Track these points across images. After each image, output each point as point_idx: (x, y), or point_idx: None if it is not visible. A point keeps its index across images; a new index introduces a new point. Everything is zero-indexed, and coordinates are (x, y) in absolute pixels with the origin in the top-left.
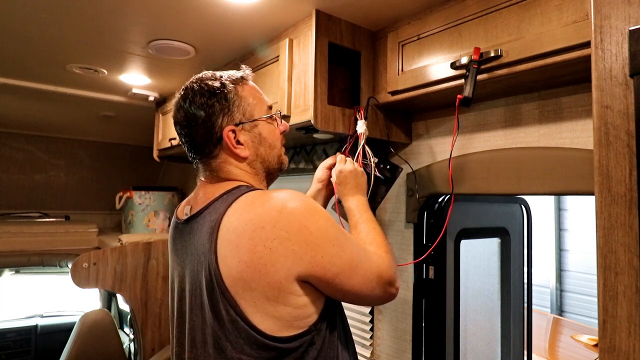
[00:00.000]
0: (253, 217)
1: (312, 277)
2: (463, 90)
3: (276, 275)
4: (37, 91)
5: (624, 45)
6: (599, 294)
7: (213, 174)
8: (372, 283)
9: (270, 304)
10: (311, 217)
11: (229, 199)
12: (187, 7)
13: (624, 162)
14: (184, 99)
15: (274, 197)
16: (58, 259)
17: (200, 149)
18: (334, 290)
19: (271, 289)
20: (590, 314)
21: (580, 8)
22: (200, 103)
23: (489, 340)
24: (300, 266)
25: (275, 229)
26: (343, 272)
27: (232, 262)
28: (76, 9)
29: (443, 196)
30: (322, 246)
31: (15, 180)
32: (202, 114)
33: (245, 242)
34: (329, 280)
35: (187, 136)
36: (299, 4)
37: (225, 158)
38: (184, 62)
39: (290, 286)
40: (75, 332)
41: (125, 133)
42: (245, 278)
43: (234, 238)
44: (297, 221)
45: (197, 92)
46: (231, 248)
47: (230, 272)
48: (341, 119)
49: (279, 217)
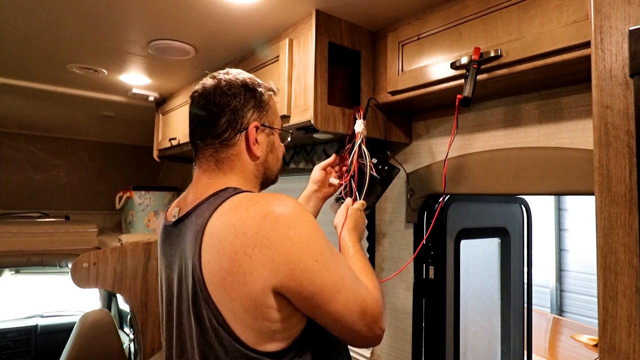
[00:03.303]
0: (236, 222)
1: (287, 290)
2: (463, 90)
3: (254, 285)
4: (37, 91)
5: (624, 45)
6: (599, 294)
7: (217, 164)
8: (354, 315)
9: (249, 315)
10: (296, 225)
11: (216, 202)
12: (187, 7)
13: (624, 162)
14: (224, 80)
15: (260, 201)
16: (58, 259)
17: (220, 132)
18: (310, 310)
19: (248, 300)
20: (590, 314)
21: (580, 8)
22: (237, 92)
23: (489, 340)
24: (276, 278)
25: (257, 235)
26: (322, 293)
27: (214, 269)
28: (76, 9)
29: (443, 196)
30: (303, 259)
31: (15, 180)
32: (238, 101)
33: (227, 248)
34: (305, 298)
35: (211, 115)
36: (299, 4)
37: (239, 150)
38: (184, 62)
39: (267, 298)
40: (75, 332)
41: (125, 133)
42: (226, 286)
43: (216, 243)
44: (280, 228)
45: (240, 81)
46: (214, 253)
47: (212, 279)
48: (341, 119)
49: (262, 222)
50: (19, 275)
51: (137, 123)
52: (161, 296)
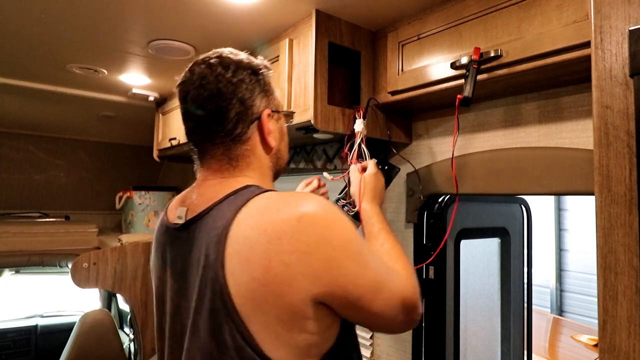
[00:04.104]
0: (268, 225)
1: (330, 298)
2: (463, 90)
3: (292, 296)
4: (37, 91)
5: (624, 45)
6: (599, 294)
7: (231, 163)
8: (396, 309)
9: (285, 329)
10: (334, 227)
11: (237, 201)
12: (187, 7)
13: (624, 162)
14: (221, 65)
15: (292, 201)
16: (58, 259)
17: (229, 129)
18: (354, 313)
19: (286, 312)
20: (590, 314)
21: (580, 8)
22: (242, 77)
23: (489, 340)
24: (319, 287)
25: (293, 240)
26: (366, 294)
27: (242, 279)
28: (76, 8)
29: (443, 196)
30: (345, 263)
31: (15, 180)
32: (245, 87)
33: (259, 255)
34: (350, 303)
35: (217, 110)
36: (299, 4)
37: (254, 145)
38: (184, 62)
39: (306, 309)
40: (75, 332)
41: (125, 133)
42: (257, 298)
43: (245, 250)
44: (318, 232)
45: (238, 63)
46: (242, 262)
47: (240, 291)
48: (341, 119)
49: (297, 226)
50: (19, 275)
51: (137, 123)
52: (159, 308)
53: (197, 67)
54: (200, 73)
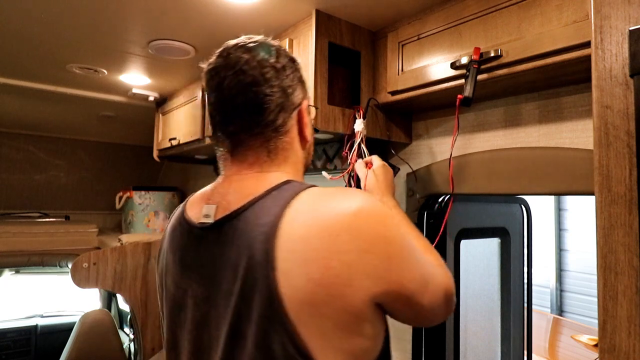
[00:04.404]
0: (324, 222)
1: (388, 296)
2: (463, 90)
3: (354, 297)
4: (37, 91)
5: (624, 45)
6: (599, 294)
7: (270, 155)
8: (440, 300)
9: (343, 334)
10: (390, 221)
11: (283, 196)
12: (187, 7)
13: (624, 162)
14: (263, 50)
15: (345, 197)
16: (58, 259)
17: (271, 119)
18: (406, 309)
19: (346, 314)
20: (590, 314)
21: (580, 8)
22: (285, 64)
23: (489, 340)
24: (378, 285)
25: (352, 238)
26: (418, 289)
27: (298, 281)
28: (76, 8)
29: (443, 196)
30: (400, 259)
31: (15, 180)
32: (287, 76)
33: (316, 254)
34: (405, 299)
35: (258, 100)
36: (299, 4)
37: (292, 137)
38: (184, 62)
39: (366, 310)
40: (75, 332)
41: (125, 133)
42: (315, 301)
43: (300, 248)
44: (376, 227)
45: (279, 49)
46: (297, 262)
47: (295, 294)
48: (341, 119)
49: (355, 222)
50: (19, 275)
51: (137, 123)
52: (174, 319)
53: (233, 51)
54: (238, 58)
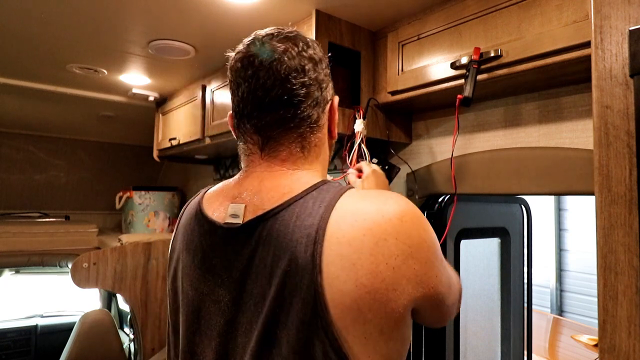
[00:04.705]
0: (372, 225)
1: (424, 300)
2: (463, 90)
3: (396, 302)
4: (37, 91)
5: (624, 45)
6: (599, 294)
7: (304, 152)
8: (457, 300)
9: (383, 339)
10: (427, 226)
11: (325, 198)
12: (187, 7)
13: (624, 162)
14: (301, 40)
15: (388, 200)
16: (58, 259)
17: (307, 113)
18: (435, 312)
19: (389, 319)
20: (590, 314)
21: (580, 8)
22: (321, 57)
23: (489, 340)
24: (419, 289)
25: (398, 242)
26: (447, 292)
27: (346, 286)
28: (76, 8)
29: (443, 196)
30: (436, 264)
31: (15, 180)
32: (321, 69)
33: (366, 259)
34: (437, 302)
35: (295, 93)
36: (299, 4)
37: (324, 133)
38: (184, 62)
39: (406, 314)
40: (75, 332)
41: (125, 133)
42: (361, 307)
43: (350, 253)
44: (417, 232)
45: (313, 42)
46: (346, 266)
47: (342, 299)
48: (341, 119)
49: (401, 227)
50: (19, 275)
51: (137, 123)
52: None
53: (268, 40)
54: (275, 47)
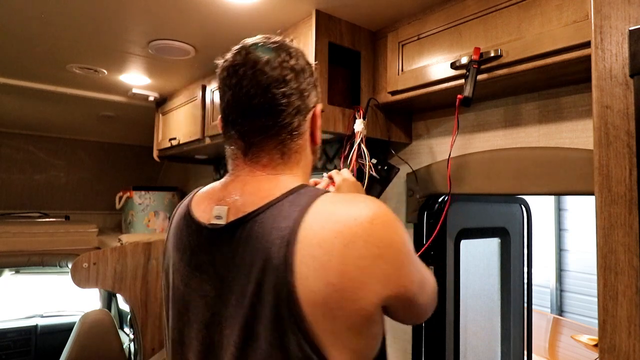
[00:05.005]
0: (342, 227)
1: (395, 299)
2: (463, 90)
3: (365, 300)
4: (37, 91)
5: (624, 45)
6: (599, 294)
7: (284, 157)
8: (431, 299)
9: (352, 334)
10: (398, 228)
11: (300, 201)
12: (187, 7)
13: (624, 162)
14: (283, 50)
15: (358, 203)
16: (58, 259)
17: (288, 121)
18: (407, 311)
19: (357, 317)
20: (590, 314)
21: (580, 8)
22: (304, 67)
23: (489, 340)
24: (388, 288)
25: (367, 244)
26: (417, 291)
27: (316, 285)
28: (76, 9)
29: (443, 196)
30: (407, 264)
31: (15, 180)
32: (304, 78)
33: (336, 260)
34: (408, 301)
35: (276, 102)
36: (299, 4)
37: (306, 140)
38: (184, 62)
39: (375, 312)
40: (75, 332)
41: (125, 133)
42: (330, 304)
43: (320, 254)
44: (388, 234)
45: (297, 51)
46: (316, 267)
47: (312, 297)
48: (341, 119)
49: (371, 229)
50: (19, 275)
51: (137, 123)
52: (180, 317)
53: (253, 50)
54: (259, 57)
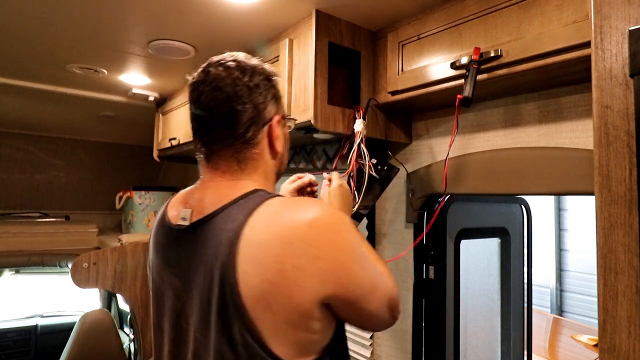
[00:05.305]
0: (280, 229)
1: (335, 299)
2: (463, 90)
3: (301, 297)
4: (37, 91)
5: (624, 45)
6: (599, 294)
7: (240, 165)
8: (384, 307)
9: (291, 328)
10: (341, 231)
11: (248, 205)
12: (187, 7)
13: (624, 162)
14: (238, 68)
15: (302, 207)
16: (58, 259)
17: (241, 132)
18: (352, 313)
19: (294, 312)
20: (590, 314)
21: (580, 8)
22: (258, 83)
23: (489, 340)
24: (326, 288)
25: (304, 245)
26: (365, 295)
27: (253, 281)
28: (76, 8)
29: (443, 196)
30: (350, 265)
31: (15, 180)
32: (260, 93)
33: (272, 259)
34: (351, 303)
35: (232, 113)
36: (299, 4)
37: (262, 148)
38: (184, 62)
39: (313, 310)
40: (75, 332)
41: (125, 133)
42: (268, 299)
43: (258, 253)
44: (327, 236)
45: (254, 68)
46: (254, 265)
47: (251, 292)
48: (341, 119)
49: (308, 231)
50: (19, 275)
51: (137, 123)
52: (159, 307)
53: (214, 68)
54: (216, 75)
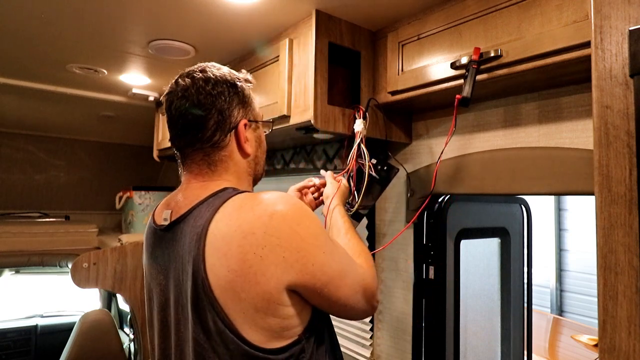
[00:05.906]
0: (242, 222)
1: (301, 286)
2: (462, 91)
3: (266, 285)
4: (37, 91)
5: (624, 45)
6: (599, 294)
7: (210, 167)
8: (358, 295)
9: (259, 315)
10: (302, 221)
11: (215, 202)
12: (187, 7)
13: (624, 162)
14: (203, 78)
15: (264, 200)
16: (58, 259)
17: (208, 136)
18: (322, 300)
19: (261, 299)
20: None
21: (580, 8)
22: (221, 90)
23: (489, 340)
24: (290, 275)
25: (266, 235)
26: (332, 281)
27: (220, 271)
28: (76, 9)
29: (443, 196)
30: (313, 253)
31: (15, 180)
32: (223, 100)
33: (235, 249)
34: (318, 289)
35: (198, 119)
36: (299, 4)
37: (231, 151)
38: (184, 62)
39: (279, 296)
40: (75, 332)
41: (125, 133)
42: (235, 288)
43: (222, 245)
44: (288, 226)
45: (218, 77)
46: (219, 256)
47: (219, 282)
48: (341, 119)
49: (269, 222)
50: (19, 275)
51: (137, 123)
52: (150, 302)
53: (182, 79)
54: (183, 85)
